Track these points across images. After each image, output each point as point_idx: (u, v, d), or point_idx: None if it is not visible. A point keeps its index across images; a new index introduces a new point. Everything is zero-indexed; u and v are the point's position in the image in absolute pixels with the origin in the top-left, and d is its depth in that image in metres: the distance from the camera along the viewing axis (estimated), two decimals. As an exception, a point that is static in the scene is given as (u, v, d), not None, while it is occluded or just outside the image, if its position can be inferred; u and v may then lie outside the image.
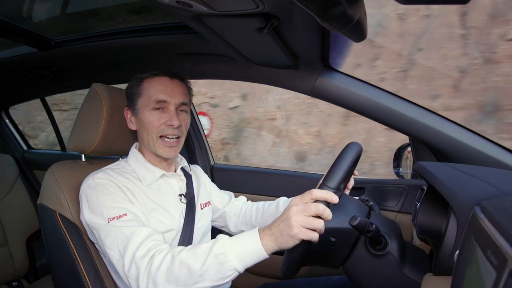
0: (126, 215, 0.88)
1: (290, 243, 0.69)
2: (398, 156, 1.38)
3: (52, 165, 1.06)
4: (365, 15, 0.74)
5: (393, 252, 0.79)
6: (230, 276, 0.73)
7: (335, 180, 0.74)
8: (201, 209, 1.12)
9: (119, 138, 1.12)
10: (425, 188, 0.83)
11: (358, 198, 1.01)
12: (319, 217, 0.69)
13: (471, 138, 1.10)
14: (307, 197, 0.71)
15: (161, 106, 0.99)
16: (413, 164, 1.29)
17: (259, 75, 1.27)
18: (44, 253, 1.83)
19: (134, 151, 1.07)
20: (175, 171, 1.11)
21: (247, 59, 1.17)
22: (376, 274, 0.81)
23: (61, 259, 0.99)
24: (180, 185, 1.09)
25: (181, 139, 1.04)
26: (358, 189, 1.33)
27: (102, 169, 1.00)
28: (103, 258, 0.99)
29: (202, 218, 1.11)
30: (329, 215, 0.69)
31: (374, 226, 0.75)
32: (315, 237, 0.69)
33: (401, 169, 1.37)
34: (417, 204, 0.84)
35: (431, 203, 0.78)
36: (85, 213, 0.91)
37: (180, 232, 1.01)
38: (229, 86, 4.27)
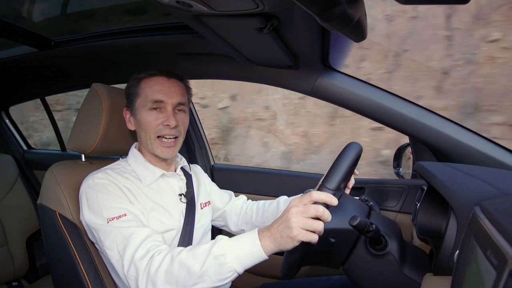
0: (125, 215, 0.88)
1: (289, 245, 0.69)
2: (398, 156, 1.37)
3: (52, 165, 1.06)
4: (365, 15, 0.74)
5: (393, 252, 0.79)
6: (229, 277, 0.73)
7: (334, 182, 0.74)
8: (201, 208, 1.12)
9: (119, 138, 1.12)
10: (425, 188, 0.83)
11: (358, 198, 1.01)
12: (318, 219, 0.69)
13: (471, 138, 1.10)
14: (306, 199, 0.71)
15: (158, 106, 0.99)
16: (413, 164, 1.29)
17: (259, 75, 1.27)
18: (44, 253, 1.83)
19: (133, 151, 1.07)
20: (175, 170, 1.11)
21: (247, 59, 1.17)
22: (376, 274, 0.81)
23: (61, 259, 0.99)
24: (180, 184, 1.09)
25: (179, 139, 1.04)
26: (358, 189, 1.33)
27: (101, 169, 1.00)
28: (103, 258, 0.99)
29: (202, 217, 1.11)
30: (328, 217, 0.69)
31: (374, 226, 0.75)
32: (314, 239, 0.69)
33: (401, 169, 1.37)
34: (417, 204, 0.84)
35: (431, 203, 0.78)
36: (85, 213, 0.91)
37: (180, 231, 1.01)
38: (220, 87, 4.25)
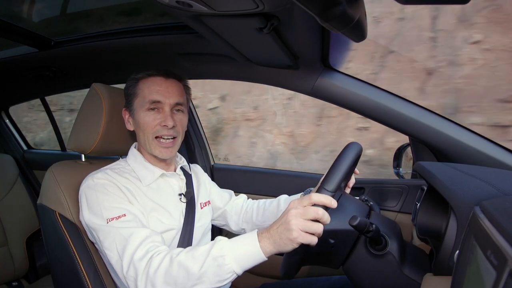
0: (125, 215, 0.88)
1: (289, 247, 0.70)
2: (398, 156, 1.37)
3: (52, 165, 1.06)
4: (365, 15, 0.74)
5: (393, 252, 0.79)
6: (228, 278, 0.73)
7: (334, 184, 0.74)
8: (201, 208, 1.12)
9: (119, 138, 1.12)
10: (425, 188, 0.83)
11: (358, 198, 1.01)
12: (317, 221, 0.69)
13: (471, 138, 1.09)
14: (306, 201, 0.71)
15: (156, 106, 0.99)
16: (413, 164, 1.29)
17: (259, 75, 1.27)
18: (44, 253, 1.83)
19: (133, 151, 1.07)
20: (174, 170, 1.11)
21: (247, 59, 1.17)
22: (376, 274, 0.81)
23: (61, 259, 0.99)
24: (179, 184, 1.09)
25: (178, 139, 1.03)
26: (358, 189, 1.33)
27: (101, 169, 1.00)
28: (103, 258, 0.99)
29: (202, 217, 1.11)
30: (327, 219, 0.70)
31: (374, 226, 0.75)
32: (314, 241, 0.69)
33: (401, 169, 1.37)
34: (417, 204, 0.84)
35: (431, 203, 0.78)
36: (84, 214, 0.91)
37: (180, 231, 1.01)
38: (210, 88, 4.26)
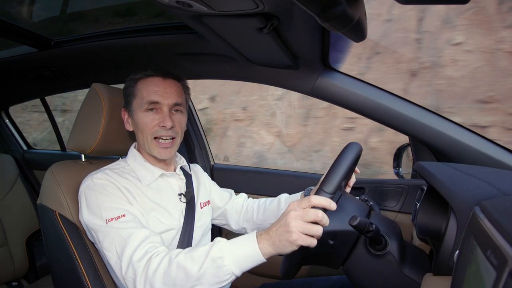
0: (124, 216, 0.87)
1: (288, 248, 0.70)
2: (398, 156, 1.37)
3: (52, 165, 1.06)
4: (365, 15, 0.74)
5: (393, 252, 0.79)
6: (227, 280, 0.73)
7: (333, 185, 0.74)
8: (201, 208, 1.12)
9: (119, 138, 1.12)
10: (425, 188, 0.83)
11: (358, 198, 1.01)
12: (316, 223, 0.69)
13: (471, 138, 1.09)
14: (305, 203, 0.71)
15: (154, 107, 0.99)
16: (413, 164, 1.29)
17: (259, 75, 1.27)
18: (44, 253, 1.83)
19: (133, 151, 1.07)
20: (174, 170, 1.11)
21: (247, 59, 1.17)
22: (376, 274, 0.81)
23: (61, 259, 0.99)
24: (179, 184, 1.09)
25: (177, 139, 1.03)
26: (358, 189, 1.33)
27: (101, 169, 1.00)
28: (102, 258, 0.99)
29: (202, 217, 1.11)
30: (327, 221, 0.70)
31: (374, 226, 0.75)
32: (313, 243, 0.69)
33: (401, 169, 1.37)
34: (417, 204, 0.84)
35: (431, 203, 0.78)
36: (84, 214, 0.91)
37: (180, 231, 1.01)
38: (200, 88, 4.29)
